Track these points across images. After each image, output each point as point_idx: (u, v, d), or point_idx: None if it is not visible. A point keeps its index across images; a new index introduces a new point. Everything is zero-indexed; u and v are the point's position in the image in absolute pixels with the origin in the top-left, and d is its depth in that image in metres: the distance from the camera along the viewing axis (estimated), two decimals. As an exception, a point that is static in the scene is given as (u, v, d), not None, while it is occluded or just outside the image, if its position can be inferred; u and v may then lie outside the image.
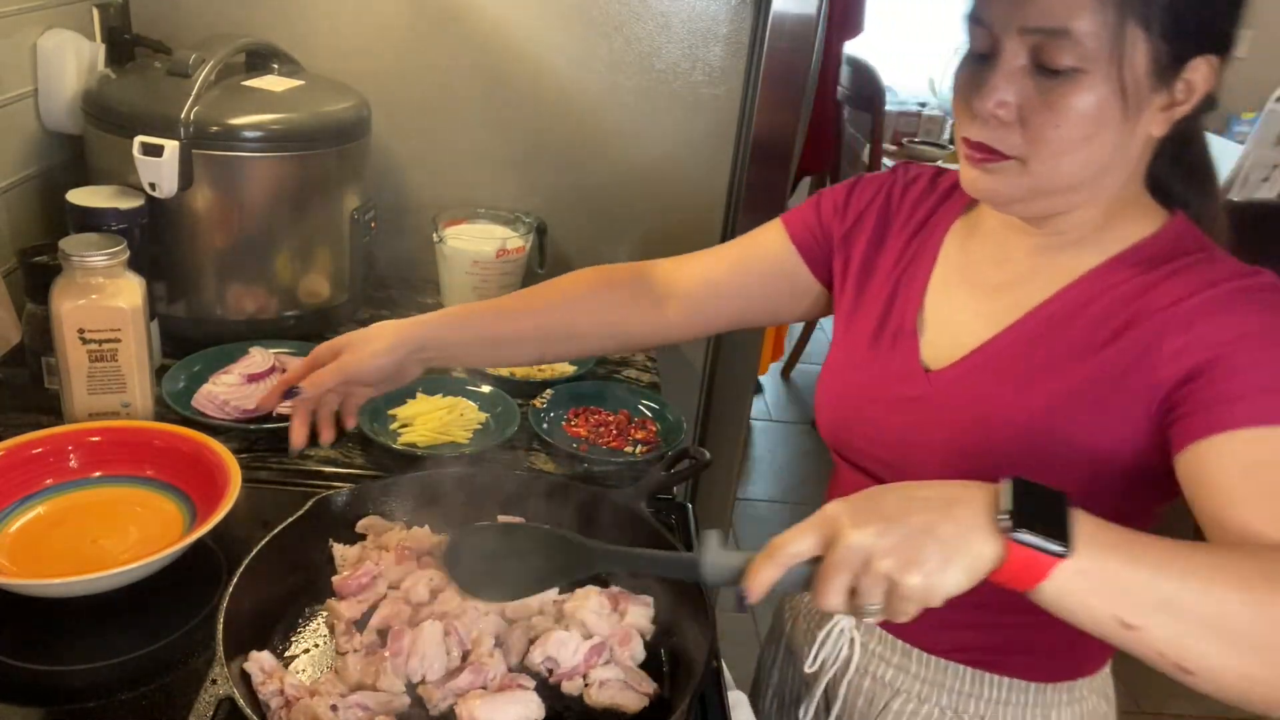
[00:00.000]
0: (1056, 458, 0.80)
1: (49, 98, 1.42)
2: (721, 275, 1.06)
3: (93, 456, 1.04)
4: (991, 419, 0.84)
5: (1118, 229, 0.83)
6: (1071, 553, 0.59)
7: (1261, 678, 0.59)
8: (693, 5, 1.60)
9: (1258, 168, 3.10)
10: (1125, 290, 0.80)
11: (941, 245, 0.95)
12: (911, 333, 0.92)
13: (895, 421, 0.91)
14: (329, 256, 1.46)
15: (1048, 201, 0.81)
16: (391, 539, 0.96)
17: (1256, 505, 0.67)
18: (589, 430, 1.28)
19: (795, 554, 0.64)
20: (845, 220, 1.01)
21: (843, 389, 0.97)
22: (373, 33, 1.60)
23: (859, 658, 0.99)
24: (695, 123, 1.67)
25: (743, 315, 1.08)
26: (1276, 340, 0.72)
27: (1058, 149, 0.76)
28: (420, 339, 1.00)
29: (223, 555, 0.98)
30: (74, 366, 1.08)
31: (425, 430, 1.23)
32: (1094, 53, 0.73)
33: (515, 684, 0.83)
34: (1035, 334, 0.84)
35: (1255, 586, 0.59)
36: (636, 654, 0.90)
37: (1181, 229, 0.83)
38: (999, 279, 0.89)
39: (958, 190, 0.96)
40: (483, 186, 1.70)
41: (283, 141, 1.34)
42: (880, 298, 0.96)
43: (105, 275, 1.06)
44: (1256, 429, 0.69)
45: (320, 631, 0.90)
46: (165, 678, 0.84)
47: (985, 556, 0.60)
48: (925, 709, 0.95)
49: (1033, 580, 0.60)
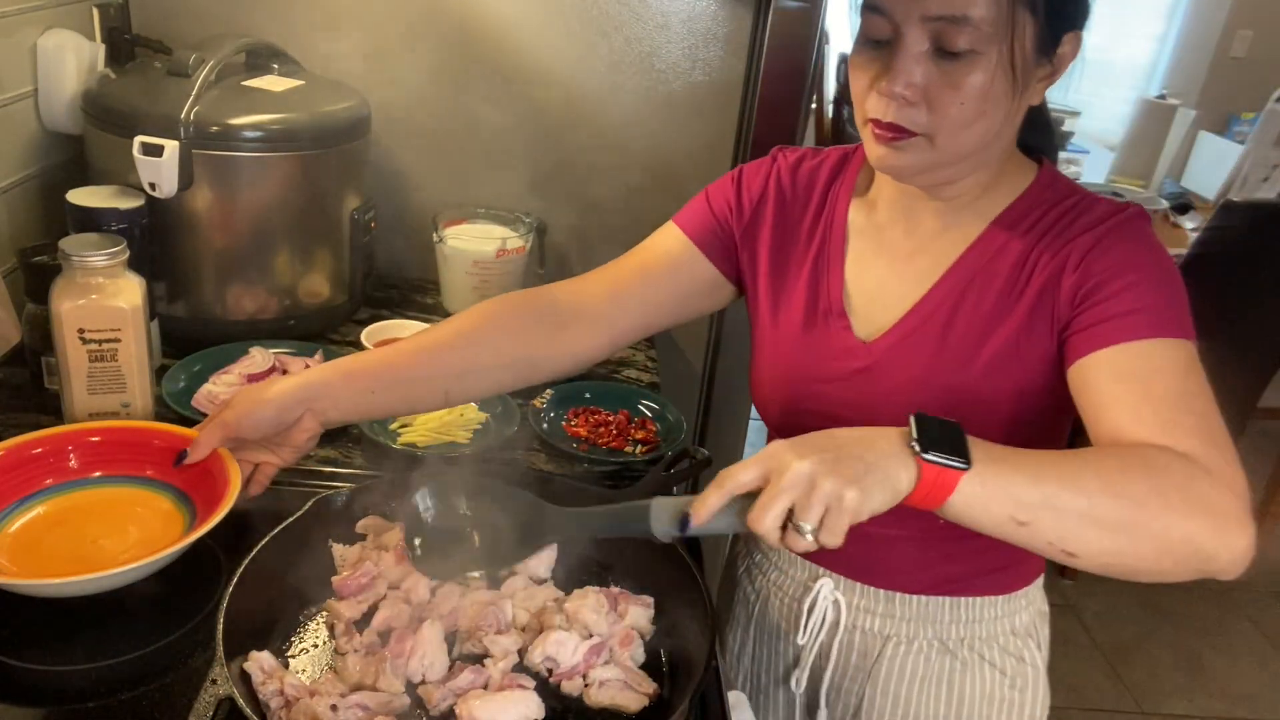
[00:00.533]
0: (990, 402, 0.91)
1: (49, 98, 1.42)
2: (626, 287, 1.06)
3: (93, 456, 1.03)
4: (932, 378, 0.92)
5: (1003, 185, 0.94)
6: (971, 465, 0.69)
7: (1126, 551, 0.72)
8: (693, 5, 1.60)
9: (1258, 168, 3.10)
10: (1023, 242, 0.91)
11: (847, 222, 1.01)
12: (841, 312, 0.98)
13: (846, 396, 0.97)
14: (329, 256, 1.46)
15: (948, 170, 0.90)
16: (391, 539, 0.96)
17: (1123, 409, 0.79)
18: (589, 430, 1.28)
19: (741, 483, 0.71)
20: (742, 215, 1.05)
21: (785, 376, 1.01)
22: (373, 33, 1.60)
23: (845, 616, 1.04)
24: (695, 123, 1.67)
25: (650, 322, 1.08)
26: (1142, 268, 0.84)
27: (960, 123, 0.84)
28: (306, 388, 0.95)
29: (223, 555, 0.98)
30: (74, 366, 1.08)
31: (425, 430, 1.23)
32: (989, 36, 0.80)
33: (515, 684, 0.83)
34: (955, 293, 0.93)
35: (1114, 479, 0.71)
36: (636, 654, 0.90)
37: (1051, 176, 0.94)
38: (910, 245, 0.97)
39: (845, 168, 1.03)
40: (483, 186, 1.70)
41: (283, 141, 1.34)
42: (801, 283, 1.01)
43: (105, 275, 1.06)
44: (1124, 345, 0.81)
45: (320, 631, 0.90)
46: (165, 678, 0.84)
47: (904, 478, 0.70)
48: (916, 645, 1.04)
49: (942, 495, 0.70)
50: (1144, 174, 3.52)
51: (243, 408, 0.95)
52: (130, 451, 1.04)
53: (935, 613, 1.03)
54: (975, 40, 0.80)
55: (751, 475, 0.71)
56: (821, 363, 0.98)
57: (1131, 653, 2.66)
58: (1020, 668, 1.05)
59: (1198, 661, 2.66)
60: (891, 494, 0.70)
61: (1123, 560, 0.72)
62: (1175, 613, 2.80)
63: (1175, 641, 2.72)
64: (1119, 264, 0.84)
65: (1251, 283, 2.56)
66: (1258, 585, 2.97)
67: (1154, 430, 0.76)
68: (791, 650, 1.10)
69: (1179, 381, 0.79)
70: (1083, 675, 1.03)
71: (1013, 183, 0.94)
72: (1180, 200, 3.23)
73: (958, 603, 1.03)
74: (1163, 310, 0.82)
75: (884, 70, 0.84)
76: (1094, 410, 0.82)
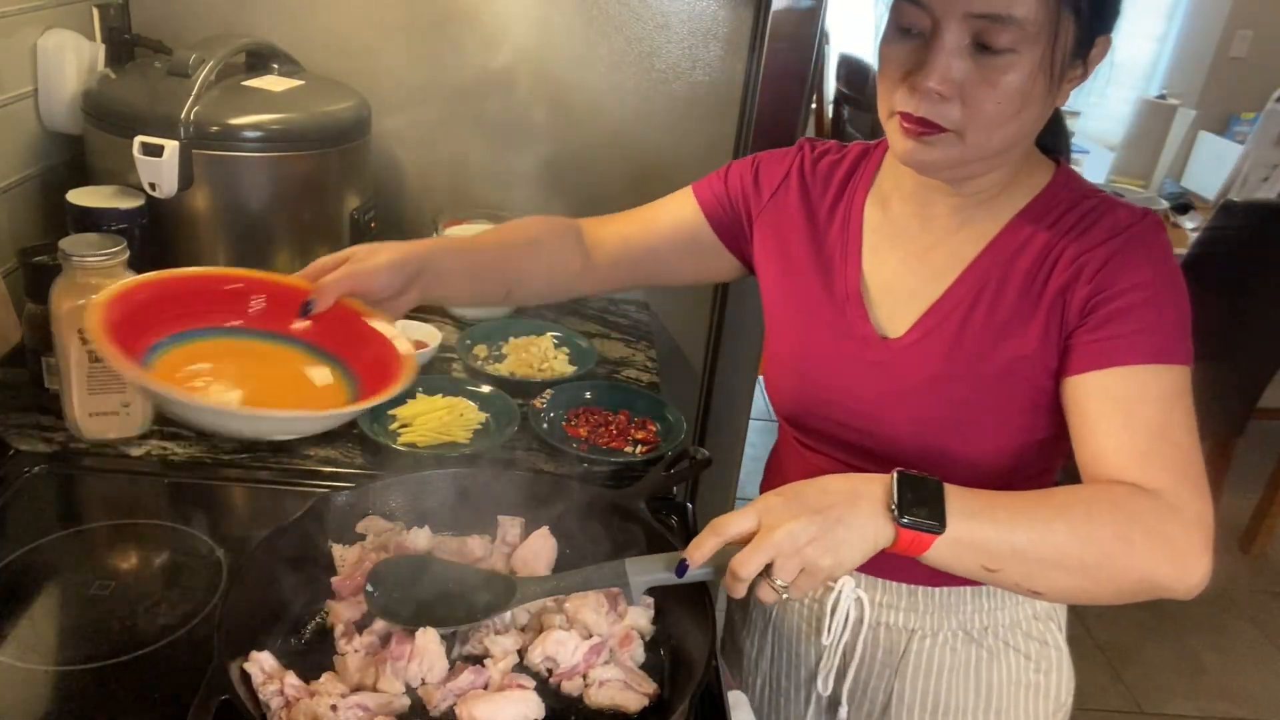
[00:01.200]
0: (1011, 400, 0.91)
1: (49, 98, 1.42)
2: (634, 235, 1.12)
3: (279, 311, 0.95)
4: (947, 379, 0.93)
5: (1022, 183, 0.93)
6: (944, 529, 0.74)
7: (1086, 588, 0.78)
8: (693, 5, 1.60)
9: (1258, 168, 3.10)
10: (1041, 241, 0.90)
11: (864, 214, 1.01)
12: (859, 300, 0.98)
13: (864, 389, 0.97)
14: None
15: (973, 167, 0.89)
16: (391, 539, 0.96)
17: (1105, 434, 0.82)
18: (589, 430, 1.28)
19: (736, 530, 0.76)
20: (760, 197, 1.07)
21: (802, 362, 1.02)
22: (373, 33, 1.60)
23: (869, 613, 1.04)
24: (695, 123, 1.67)
25: (652, 274, 1.14)
26: (1152, 287, 0.84)
27: (994, 121, 0.83)
28: (421, 260, 0.97)
29: (223, 555, 0.98)
30: (74, 366, 1.08)
31: (425, 430, 1.23)
32: (1032, 36, 0.79)
33: (515, 684, 0.83)
34: (972, 293, 0.93)
35: (1081, 527, 0.76)
36: (636, 654, 0.90)
37: (1067, 176, 0.94)
38: (927, 240, 0.96)
39: (865, 160, 1.04)
40: (483, 186, 1.70)
41: (283, 141, 1.34)
42: (818, 270, 1.02)
43: (105, 275, 1.06)
44: (1117, 369, 0.83)
45: (320, 632, 0.89)
46: (165, 678, 0.84)
47: (882, 539, 0.75)
48: (941, 637, 1.04)
49: (917, 552, 0.75)
50: (1144, 174, 3.51)
51: (370, 263, 0.93)
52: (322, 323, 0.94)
53: (958, 603, 1.03)
54: (1017, 39, 0.79)
55: (748, 525, 0.75)
56: (835, 344, 0.99)
57: (1132, 653, 2.66)
58: (1044, 650, 1.06)
59: (1198, 661, 2.66)
60: (869, 552, 0.75)
61: (1084, 596, 0.79)
62: (1176, 613, 2.80)
63: (1176, 642, 2.71)
64: (1130, 281, 0.85)
65: (1251, 283, 2.56)
66: (1258, 585, 2.97)
67: (1131, 458, 0.81)
68: (813, 651, 1.10)
69: (1163, 411, 0.82)
70: (1083, 675, 1.04)
71: (1030, 181, 0.93)
72: (1180, 200, 3.23)
73: (979, 591, 1.03)
74: (1164, 334, 0.83)
75: (917, 63, 0.82)
76: (1079, 430, 0.85)
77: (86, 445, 1.14)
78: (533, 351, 1.45)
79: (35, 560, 0.98)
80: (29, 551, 0.98)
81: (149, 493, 1.11)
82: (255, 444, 1.18)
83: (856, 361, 0.97)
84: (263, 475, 1.13)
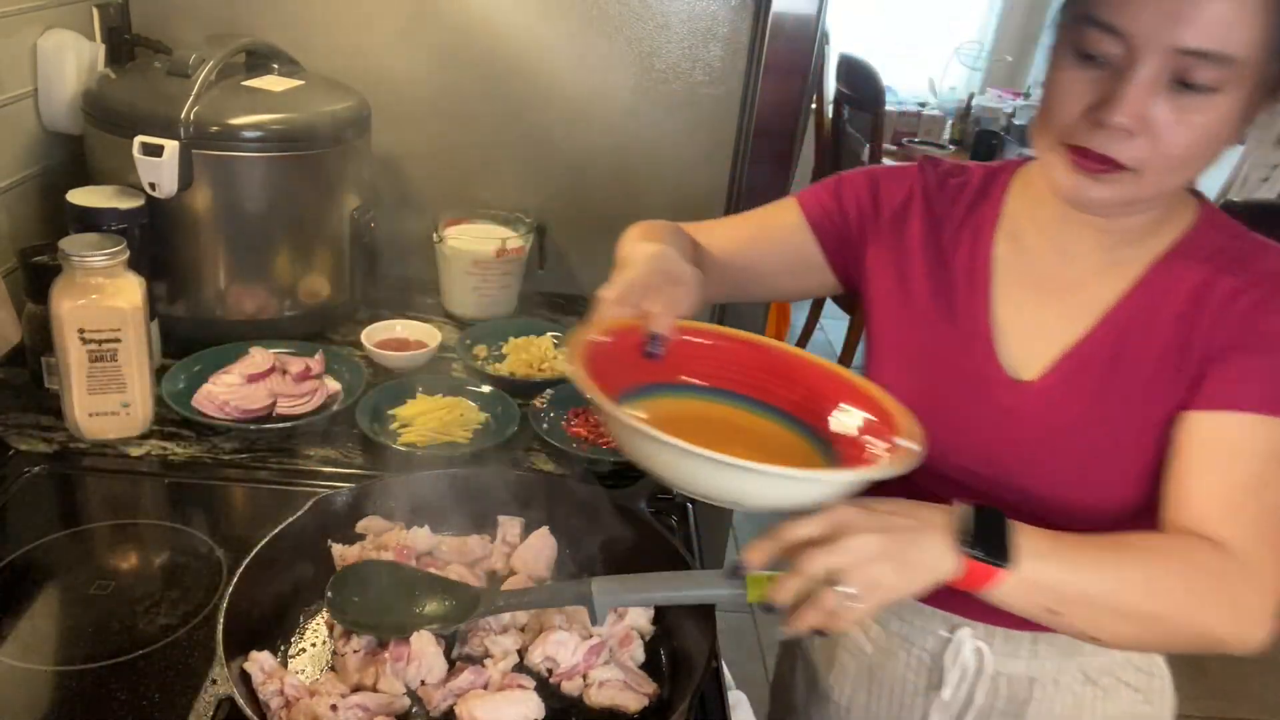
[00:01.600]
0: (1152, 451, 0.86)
1: (49, 98, 1.42)
2: (737, 246, 1.05)
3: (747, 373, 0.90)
4: (1093, 426, 0.88)
5: (1169, 221, 0.88)
6: (1010, 565, 0.72)
7: (1144, 638, 0.79)
8: (693, 5, 1.60)
9: (1257, 168, 3.09)
10: (1191, 283, 0.85)
11: (993, 245, 0.94)
12: (987, 338, 0.92)
13: (987, 431, 0.91)
14: (329, 256, 1.46)
15: (1140, 206, 0.83)
16: (391, 539, 0.96)
17: (1197, 479, 0.80)
18: (589, 430, 1.28)
19: (798, 536, 0.73)
20: (879, 217, 1.00)
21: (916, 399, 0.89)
22: (373, 33, 1.60)
23: (990, 663, 1.00)
24: (695, 123, 1.67)
25: (747, 288, 1.09)
26: None
27: (1179, 163, 0.77)
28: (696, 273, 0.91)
29: (223, 555, 0.98)
30: (74, 366, 1.09)
31: (425, 430, 1.23)
32: (1238, 76, 0.73)
33: (515, 684, 0.83)
34: (1118, 340, 0.87)
35: (1152, 578, 0.75)
36: (636, 654, 0.90)
37: (1213, 214, 0.89)
38: (1066, 278, 0.90)
39: (994, 186, 0.97)
40: (483, 186, 1.70)
41: (283, 141, 1.34)
42: (939, 304, 0.95)
43: (105, 275, 1.06)
44: (1227, 413, 0.80)
45: (320, 631, 0.89)
46: (165, 678, 0.84)
47: (942, 571, 0.72)
48: (1064, 680, 1.00)
49: (980, 586, 0.73)
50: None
51: (686, 288, 0.87)
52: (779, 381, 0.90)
53: (1078, 645, 0.98)
54: (1224, 79, 0.72)
55: (814, 530, 0.73)
56: (956, 384, 0.93)
57: (1131, 653, 2.66)
58: (1151, 681, 1.03)
59: (1198, 661, 2.66)
60: (931, 582, 0.73)
61: (1138, 644, 0.80)
62: (1175, 613, 2.80)
63: (1175, 641, 2.72)
64: (1270, 327, 0.81)
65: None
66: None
67: (1215, 509, 0.78)
68: (920, 703, 1.05)
69: (1260, 466, 0.79)
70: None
71: (1177, 220, 0.88)
72: (1180, 200, 3.23)
73: None
74: None
75: (1103, 96, 0.75)
76: (1173, 465, 0.83)
77: (86, 445, 1.14)
78: (533, 351, 1.45)
79: (35, 560, 0.98)
80: (29, 551, 0.98)
81: (149, 493, 1.11)
82: (254, 443, 1.18)
83: (981, 403, 0.91)
84: (263, 475, 1.13)
